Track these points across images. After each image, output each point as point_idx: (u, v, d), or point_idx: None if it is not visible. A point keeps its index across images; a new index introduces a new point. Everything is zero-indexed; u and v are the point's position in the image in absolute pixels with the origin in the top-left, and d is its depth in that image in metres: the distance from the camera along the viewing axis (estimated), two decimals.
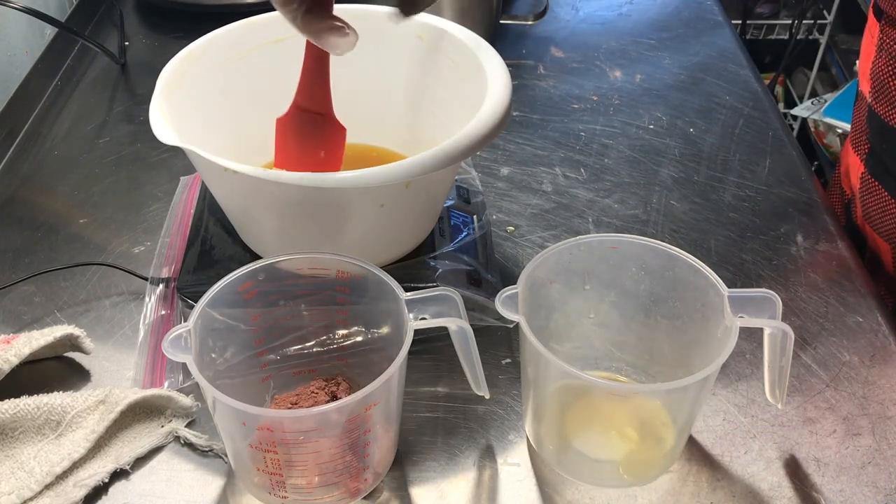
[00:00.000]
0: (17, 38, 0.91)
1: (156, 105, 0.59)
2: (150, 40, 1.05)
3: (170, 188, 0.77)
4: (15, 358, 0.57)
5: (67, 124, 0.89)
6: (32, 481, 0.52)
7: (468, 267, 0.65)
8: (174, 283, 0.65)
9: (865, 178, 0.73)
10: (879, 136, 0.71)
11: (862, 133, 0.74)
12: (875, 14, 0.71)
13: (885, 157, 0.70)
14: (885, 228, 0.71)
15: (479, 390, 0.55)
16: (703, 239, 0.73)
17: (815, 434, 0.57)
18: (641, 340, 0.58)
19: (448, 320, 0.50)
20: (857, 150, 0.75)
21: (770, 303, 0.50)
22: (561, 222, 0.75)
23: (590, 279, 0.57)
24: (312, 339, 0.58)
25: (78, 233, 0.74)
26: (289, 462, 0.49)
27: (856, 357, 0.62)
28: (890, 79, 0.68)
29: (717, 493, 0.54)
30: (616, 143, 0.86)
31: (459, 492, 0.54)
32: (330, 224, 0.60)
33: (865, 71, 0.72)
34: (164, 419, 0.57)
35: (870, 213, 0.73)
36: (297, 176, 0.53)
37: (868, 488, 0.54)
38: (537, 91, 0.94)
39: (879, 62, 0.70)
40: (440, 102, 0.69)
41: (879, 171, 0.71)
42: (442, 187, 0.64)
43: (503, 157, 0.83)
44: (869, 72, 0.71)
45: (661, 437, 0.55)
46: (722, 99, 0.92)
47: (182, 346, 0.48)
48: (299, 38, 0.53)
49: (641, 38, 1.04)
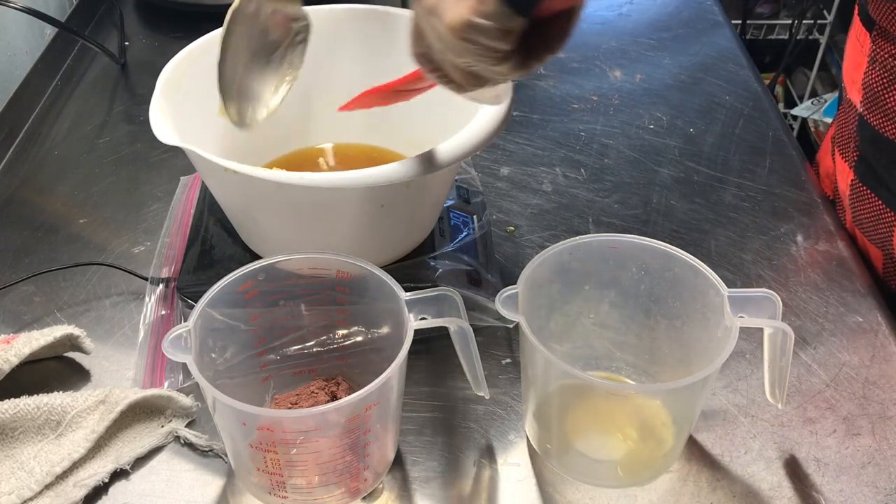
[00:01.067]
0: (17, 38, 0.91)
1: (156, 105, 0.59)
2: (150, 40, 1.05)
3: (170, 188, 0.77)
4: (15, 358, 0.57)
5: (67, 124, 0.89)
6: (32, 481, 0.52)
7: (468, 267, 0.65)
8: (174, 283, 0.65)
9: (856, 186, 0.73)
10: (872, 146, 0.70)
11: (850, 140, 0.74)
12: (864, 23, 0.70)
13: (877, 166, 0.70)
14: (878, 236, 0.71)
15: (479, 390, 0.55)
16: (703, 239, 0.73)
17: (815, 434, 0.57)
18: (641, 340, 0.58)
19: (448, 320, 0.50)
20: (844, 156, 0.75)
21: (770, 303, 0.50)
22: (561, 222, 0.75)
23: (590, 279, 0.57)
24: (312, 339, 0.58)
25: (78, 233, 0.74)
26: (289, 462, 0.49)
27: (856, 357, 0.62)
28: (885, 92, 0.68)
29: (717, 493, 0.54)
30: (616, 143, 0.86)
31: (459, 492, 0.54)
32: (330, 224, 0.60)
33: (855, 80, 0.72)
34: (164, 419, 0.57)
35: (861, 219, 0.73)
36: (296, 176, 0.53)
37: (868, 488, 0.54)
38: (537, 91, 0.94)
39: (872, 74, 0.69)
40: (440, 102, 0.68)
41: (871, 179, 0.71)
42: (442, 187, 0.64)
43: (503, 157, 0.83)
44: (861, 82, 0.71)
45: (661, 437, 0.55)
46: (722, 99, 0.92)
47: (182, 346, 0.48)
48: None
49: (641, 38, 1.04)
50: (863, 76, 0.71)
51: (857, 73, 0.72)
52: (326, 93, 0.72)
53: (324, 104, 0.73)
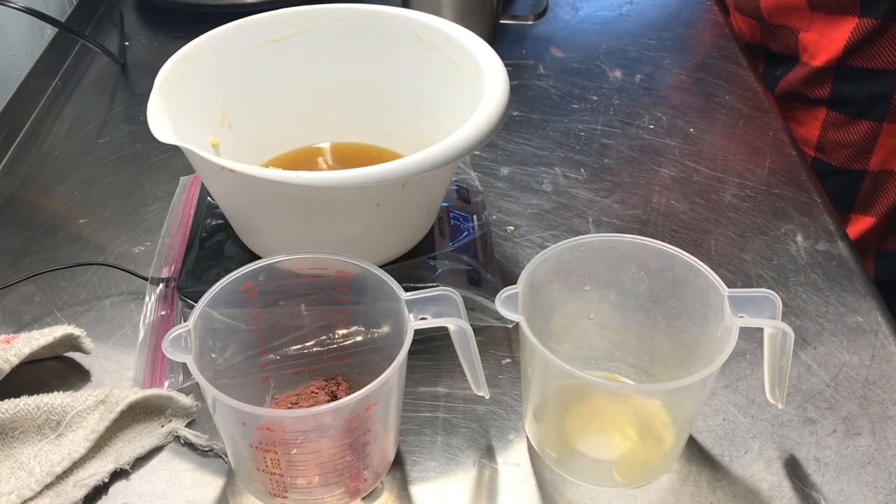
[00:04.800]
0: (17, 38, 0.91)
1: (154, 104, 0.59)
2: (150, 40, 1.05)
3: (170, 188, 0.77)
4: (15, 358, 0.57)
5: (67, 124, 0.89)
6: (32, 481, 0.52)
7: (468, 267, 0.65)
8: (174, 283, 0.65)
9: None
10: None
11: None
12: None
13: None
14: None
15: (479, 390, 0.55)
16: (703, 239, 0.73)
17: (815, 434, 0.57)
18: (641, 340, 0.58)
19: (448, 320, 0.50)
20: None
21: (770, 303, 0.50)
22: (561, 222, 0.75)
23: (590, 279, 0.57)
24: (312, 339, 0.58)
25: (78, 233, 0.74)
26: (289, 462, 0.49)
27: (856, 357, 0.62)
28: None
29: (717, 493, 0.54)
30: (616, 143, 0.86)
31: (459, 492, 0.54)
32: (327, 223, 0.60)
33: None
34: (164, 419, 0.57)
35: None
36: (292, 175, 0.53)
37: (868, 488, 0.54)
38: (537, 91, 0.94)
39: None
40: (439, 102, 0.69)
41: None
42: (439, 187, 0.64)
43: (503, 157, 0.83)
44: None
45: (661, 437, 0.55)
46: (722, 99, 0.92)
47: (182, 346, 0.48)
48: (297, 37, 0.53)
49: (641, 38, 1.04)
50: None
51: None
52: (325, 92, 0.72)
53: (322, 104, 0.73)
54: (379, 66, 0.71)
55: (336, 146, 0.74)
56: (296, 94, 0.72)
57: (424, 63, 0.68)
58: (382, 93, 0.72)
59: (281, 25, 0.69)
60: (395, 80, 0.71)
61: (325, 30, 0.70)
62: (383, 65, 0.71)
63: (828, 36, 0.88)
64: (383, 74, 0.72)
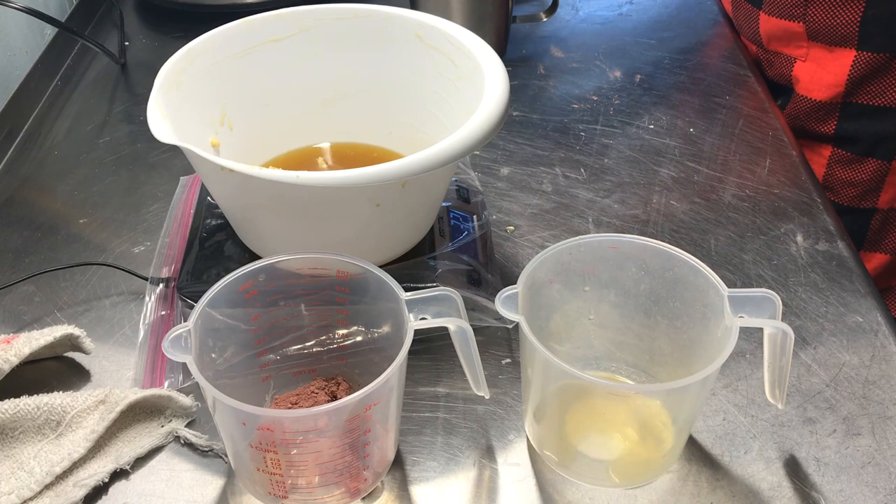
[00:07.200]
0: (17, 38, 0.91)
1: (153, 104, 0.59)
2: (150, 40, 1.05)
3: (170, 188, 0.77)
4: (15, 358, 0.57)
5: (67, 124, 0.89)
6: (32, 481, 0.52)
7: (468, 267, 0.65)
8: (174, 283, 0.65)
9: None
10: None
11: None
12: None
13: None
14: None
15: (479, 390, 0.55)
16: (703, 239, 0.73)
17: (815, 434, 0.57)
18: (641, 340, 0.58)
19: (448, 320, 0.50)
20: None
21: (770, 303, 0.50)
22: (561, 222, 0.75)
23: (590, 279, 0.57)
24: (312, 339, 0.58)
25: (78, 233, 0.74)
26: (289, 462, 0.49)
27: (856, 357, 0.62)
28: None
29: (717, 493, 0.54)
30: (616, 143, 0.86)
31: (459, 492, 0.54)
32: (327, 223, 0.60)
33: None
34: (164, 419, 0.57)
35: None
36: (291, 175, 0.53)
37: (868, 488, 0.54)
38: (537, 91, 0.94)
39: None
40: (439, 102, 0.69)
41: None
42: (439, 187, 0.64)
43: (503, 157, 0.83)
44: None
45: (661, 437, 0.55)
46: (722, 99, 0.92)
47: (182, 346, 0.48)
48: (297, 37, 0.53)
49: (641, 38, 1.04)
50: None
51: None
52: (325, 92, 0.72)
53: (322, 104, 0.73)
54: (379, 66, 0.71)
55: (336, 146, 0.74)
56: (296, 94, 0.72)
57: (424, 63, 0.68)
58: (382, 93, 0.72)
59: (281, 25, 0.69)
60: (395, 80, 0.71)
61: (325, 30, 0.70)
62: (383, 65, 0.71)
63: (825, 67, 0.87)
64: (383, 74, 0.72)
